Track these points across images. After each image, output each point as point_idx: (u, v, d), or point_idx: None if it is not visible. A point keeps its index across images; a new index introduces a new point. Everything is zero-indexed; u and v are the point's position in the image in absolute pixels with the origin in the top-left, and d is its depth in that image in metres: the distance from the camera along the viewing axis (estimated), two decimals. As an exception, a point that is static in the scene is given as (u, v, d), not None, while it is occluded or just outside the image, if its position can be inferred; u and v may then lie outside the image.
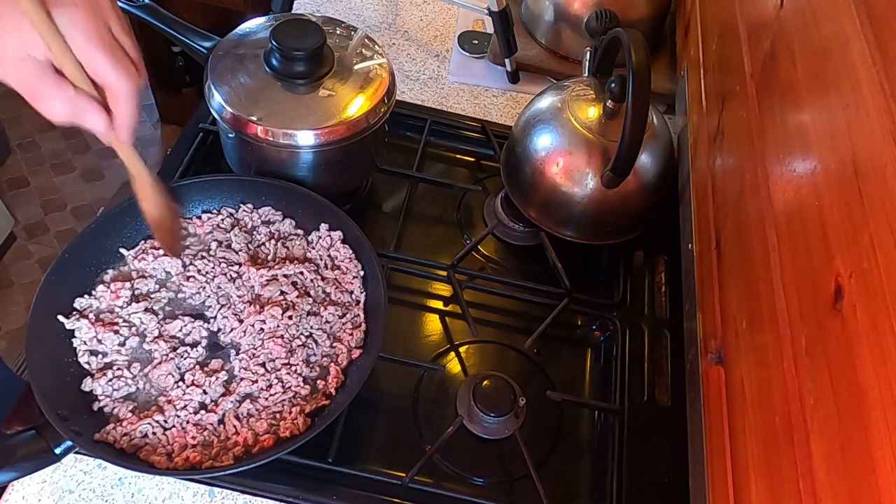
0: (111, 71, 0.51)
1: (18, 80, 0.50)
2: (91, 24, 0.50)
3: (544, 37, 1.10)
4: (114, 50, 0.51)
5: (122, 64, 0.52)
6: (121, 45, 0.52)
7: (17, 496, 0.65)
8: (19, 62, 0.49)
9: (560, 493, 0.71)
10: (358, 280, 0.75)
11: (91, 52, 0.50)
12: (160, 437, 0.63)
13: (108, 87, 0.52)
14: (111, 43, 0.51)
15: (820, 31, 0.53)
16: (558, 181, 0.82)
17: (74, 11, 0.49)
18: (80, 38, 0.49)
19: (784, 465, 0.48)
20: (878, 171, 0.41)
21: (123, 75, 0.52)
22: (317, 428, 0.63)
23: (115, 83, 0.52)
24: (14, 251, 2.01)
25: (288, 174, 0.78)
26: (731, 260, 0.68)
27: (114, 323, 0.69)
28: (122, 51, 0.52)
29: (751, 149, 0.65)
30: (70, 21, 0.49)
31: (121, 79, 0.52)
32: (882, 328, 0.38)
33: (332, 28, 0.83)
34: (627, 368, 0.79)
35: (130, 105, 0.53)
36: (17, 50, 0.49)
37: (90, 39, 0.50)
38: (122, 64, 0.52)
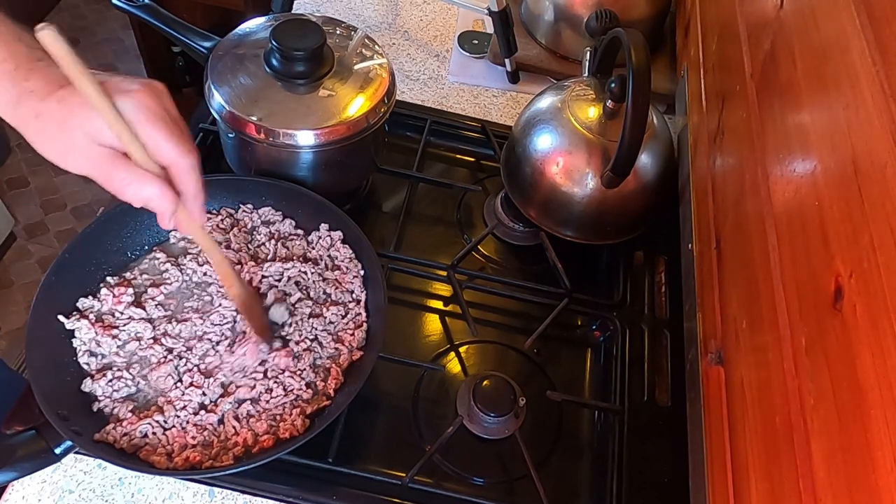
0: (174, 149, 0.53)
1: (89, 167, 0.52)
2: (150, 105, 0.52)
3: (544, 37, 1.10)
4: (172, 128, 0.53)
5: (183, 140, 0.54)
6: (177, 124, 0.54)
7: (17, 496, 0.65)
8: (88, 150, 0.51)
9: (560, 493, 0.71)
10: (358, 280, 0.75)
11: (154, 134, 0.52)
12: (160, 437, 0.63)
13: (172, 165, 0.54)
14: (169, 122, 0.53)
15: (820, 31, 0.53)
16: (558, 181, 0.82)
17: (136, 96, 0.51)
18: (143, 122, 0.51)
19: (784, 465, 0.48)
20: (878, 171, 0.41)
21: (185, 152, 0.54)
22: (316, 429, 0.63)
23: (178, 160, 0.54)
24: (14, 251, 2.01)
25: (288, 174, 0.78)
26: (731, 260, 0.68)
27: (114, 325, 0.69)
28: (180, 129, 0.54)
29: (751, 149, 0.65)
30: (133, 106, 0.51)
31: (183, 155, 0.54)
32: (882, 328, 0.38)
33: (332, 28, 0.83)
34: (627, 368, 0.79)
35: (196, 180, 0.56)
36: (86, 138, 0.51)
37: (152, 122, 0.52)
38: (183, 140, 0.54)
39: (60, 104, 0.50)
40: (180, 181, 0.55)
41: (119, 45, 2.54)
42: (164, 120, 0.53)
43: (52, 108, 0.50)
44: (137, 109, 0.51)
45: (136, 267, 0.74)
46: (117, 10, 0.81)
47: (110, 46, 2.54)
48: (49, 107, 0.50)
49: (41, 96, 0.50)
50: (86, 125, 0.50)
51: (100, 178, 0.53)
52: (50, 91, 0.50)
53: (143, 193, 0.53)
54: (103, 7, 2.61)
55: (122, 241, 0.74)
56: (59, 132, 0.51)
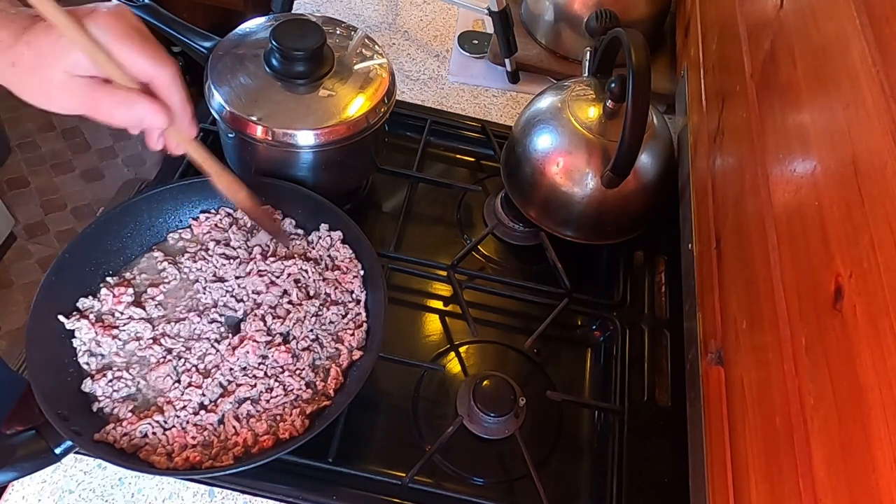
0: (149, 63, 0.53)
1: (74, 102, 0.52)
2: (119, 25, 0.51)
3: (544, 37, 1.10)
4: (145, 43, 0.53)
5: (157, 53, 0.53)
6: (149, 39, 0.54)
7: (17, 496, 0.65)
8: (69, 84, 0.51)
9: (560, 493, 0.71)
10: (358, 280, 0.75)
11: (126, 51, 0.52)
12: (160, 437, 0.63)
13: (153, 79, 0.54)
14: (141, 38, 0.53)
15: (820, 31, 0.53)
16: (558, 181, 0.82)
17: (101, 18, 0.51)
18: (113, 41, 0.51)
19: (784, 464, 0.48)
20: (878, 171, 0.41)
21: (162, 63, 0.53)
22: (316, 429, 0.63)
23: (157, 73, 0.53)
24: (14, 251, 2.00)
25: (288, 174, 0.78)
26: (731, 260, 0.68)
27: (114, 325, 0.69)
28: (153, 44, 0.54)
29: (751, 149, 0.65)
30: (101, 28, 0.50)
31: (161, 67, 0.53)
32: (882, 328, 0.38)
33: (332, 28, 0.83)
34: (627, 368, 0.79)
35: (180, 90, 0.55)
36: (63, 77, 0.51)
37: (123, 39, 0.51)
38: (157, 53, 0.53)
39: (30, 47, 0.50)
40: (165, 95, 0.54)
41: (119, 45, 2.53)
42: (133, 37, 0.52)
43: (23, 53, 0.50)
44: (105, 30, 0.51)
45: (135, 266, 0.74)
46: (117, 10, 0.81)
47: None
48: (20, 52, 0.50)
49: (9, 44, 0.50)
50: (60, 61, 0.50)
51: (86, 110, 0.52)
52: (16, 36, 0.50)
53: (133, 112, 0.53)
54: (103, 7, 2.60)
55: (122, 241, 0.74)
56: (35, 75, 0.51)
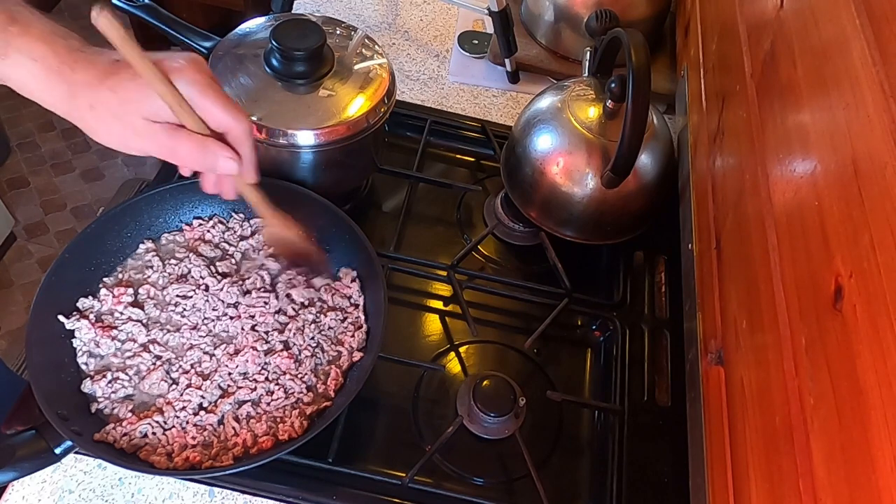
0: (228, 116, 0.55)
1: (153, 146, 0.54)
2: (201, 79, 0.53)
3: (544, 37, 1.10)
4: (224, 97, 0.55)
5: (235, 107, 0.55)
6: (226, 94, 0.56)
7: (17, 496, 0.65)
8: (148, 129, 0.53)
9: (560, 493, 0.71)
10: (356, 284, 0.75)
11: (208, 104, 0.54)
12: (160, 437, 0.63)
13: (229, 131, 0.56)
14: (220, 92, 0.55)
15: (820, 31, 0.53)
16: (558, 181, 0.82)
17: (186, 72, 0.53)
18: (196, 94, 0.53)
19: (784, 464, 0.48)
20: (878, 171, 0.41)
21: (240, 117, 0.56)
22: (315, 430, 0.63)
23: (234, 126, 0.56)
24: (14, 251, 2.00)
25: (288, 174, 0.78)
26: (731, 260, 0.68)
27: (113, 325, 0.69)
28: (230, 97, 0.56)
29: (751, 149, 0.65)
30: (184, 81, 0.52)
31: (238, 120, 0.56)
32: (882, 328, 0.38)
33: (332, 28, 0.83)
34: (627, 368, 0.79)
35: (251, 143, 0.57)
36: (143, 123, 0.53)
37: (206, 94, 0.53)
38: (235, 107, 0.55)
39: (114, 92, 0.51)
40: (237, 144, 0.57)
41: (119, 45, 2.54)
42: (215, 90, 0.54)
43: (105, 96, 0.51)
44: (191, 84, 0.53)
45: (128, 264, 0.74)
46: (117, 10, 0.81)
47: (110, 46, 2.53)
48: (103, 96, 0.52)
49: (93, 87, 0.52)
50: (142, 108, 0.52)
51: (165, 154, 0.55)
52: (100, 80, 0.51)
53: (209, 156, 0.55)
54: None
55: (122, 241, 0.74)
56: (116, 119, 0.52)
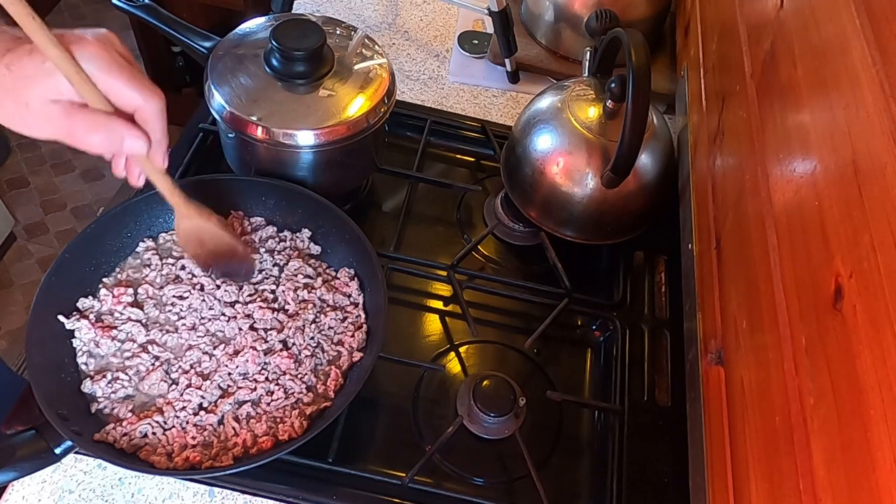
0: (137, 94, 0.52)
1: (50, 128, 0.51)
2: (106, 55, 0.50)
3: (544, 37, 1.10)
4: (133, 74, 0.52)
5: (145, 85, 0.52)
6: (137, 70, 0.53)
7: (17, 496, 0.65)
8: (46, 109, 0.50)
9: (560, 493, 0.71)
10: (355, 282, 0.75)
11: (114, 81, 0.51)
12: (160, 437, 0.63)
13: (138, 110, 0.53)
14: (129, 68, 0.52)
15: (820, 31, 0.53)
16: (558, 181, 0.82)
17: (88, 46, 0.50)
18: (101, 71, 0.50)
19: (784, 464, 0.48)
20: (878, 171, 0.41)
21: (150, 95, 0.52)
22: (314, 430, 0.63)
23: (142, 104, 0.52)
24: (14, 251, 2.01)
25: (288, 174, 0.78)
26: (731, 260, 0.68)
27: (113, 325, 0.69)
28: (141, 74, 0.53)
29: (751, 149, 0.65)
30: (87, 56, 0.50)
31: (148, 99, 0.52)
32: (882, 328, 0.38)
33: (332, 28, 0.83)
34: (627, 368, 0.79)
35: (162, 124, 0.54)
36: (41, 98, 0.50)
37: (110, 69, 0.50)
38: (145, 85, 0.52)
39: (9, 69, 0.49)
40: (147, 124, 0.53)
41: (119, 45, 2.53)
42: (122, 66, 0.51)
43: (2, 75, 0.49)
44: (90, 58, 0.50)
45: (128, 264, 0.74)
46: (117, 10, 0.81)
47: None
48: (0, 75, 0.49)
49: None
50: (39, 87, 0.49)
51: (63, 135, 0.52)
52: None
53: (113, 135, 0.52)
54: (103, 7, 2.61)
55: (121, 241, 0.74)
56: (13, 99, 0.50)
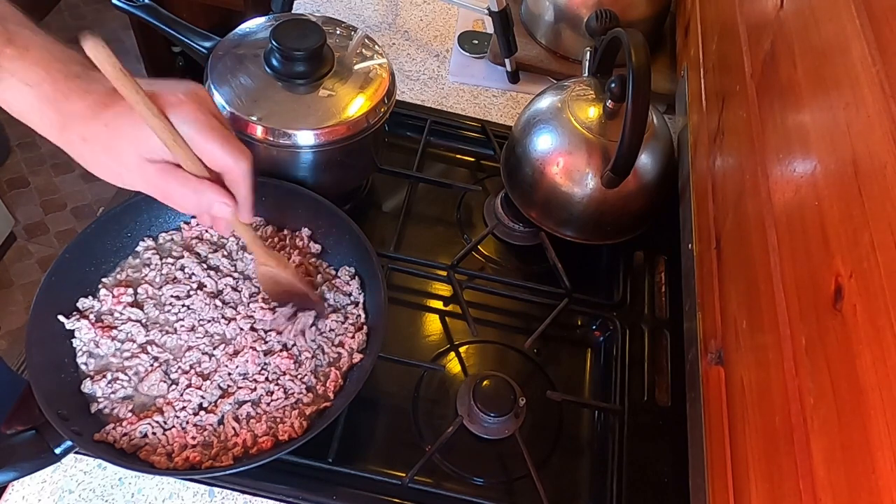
0: (228, 157, 0.53)
1: (145, 184, 0.52)
2: (201, 117, 0.51)
3: (544, 37, 1.10)
4: (225, 136, 0.53)
5: (235, 147, 0.53)
6: (226, 128, 0.54)
7: (17, 496, 0.65)
8: (141, 167, 0.51)
9: (560, 493, 0.71)
10: (355, 281, 0.75)
11: (207, 144, 0.52)
12: (160, 437, 0.63)
13: (227, 172, 0.54)
14: (221, 130, 0.53)
15: (820, 31, 0.53)
16: (558, 181, 0.82)
17: (184, 108, 0.50)
18: (196, 133, 0.51)
19: (784, 464, 0.48)
20: (878, 171, 0.41)
21: (240, 157, 0.53)
22: (314, 431, 0.63)
23: (233, 167, 0.53)
24: (14, 251, 2.01)
25: (288, 174, 0.78)
26: (731, 260, 0.68)
27: (113, 326, 0.69)
28: (232, 135, 0.54)
29: (751, 149, 0.65)
30: (183, 118, 0.50)
31: (238, 161, 0.53)
32: (882, 328, 0.38)
33: (332, 28, 0.83)
34: (627, 368, 0.79)
35: (249, 185, 0.55)
36: (137, 157, 0.51)
37: (205, 133, 0.51)
38: (235, 147, 0.53)
39: (107, 127, 0.49)
40: (234, 185, 0.55)
41: (119, 45, 2.54)
42: (215, 128, 0.52)
43: (98, 131, 0.50)
44: (189, 122, 0.51)
45: (127, 263, 0.74)
46: (117, 10, 0.81)
47: (110, 46, 2.52)
48: (95, 130, 0.50)
49: (86, 119, 0.49)
50: (135, 145, 0.50)
51: (157, 194, 0.53)
52: (94, 113, 0.49)
53: (203, 200, 0.53)
54: (103, 7, 2.61)
55: (121, 241, 0.74)
56: (108, 155, 0.51)
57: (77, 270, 0.70)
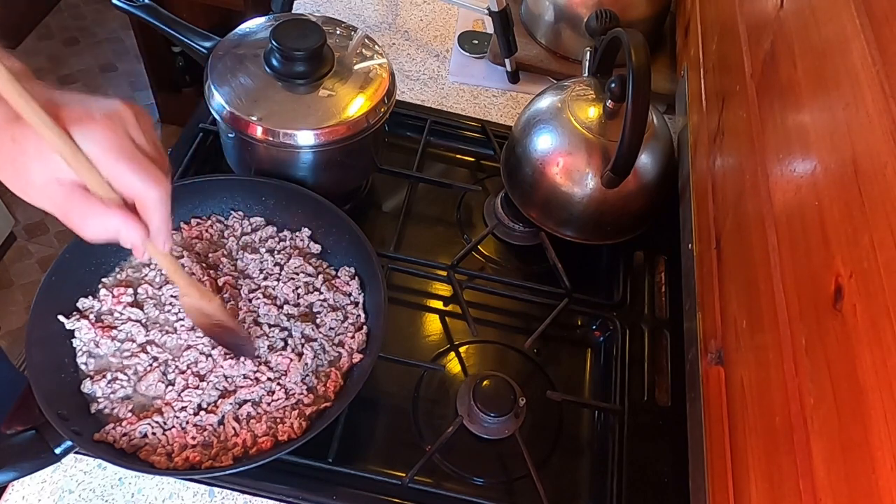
0: (138, 182, 0.50)
1: (49, 205, 0.49)
2: (112, 137, 0.48)
3: (544, 37, 1.10)
4: (137, 160, 0.50)
5: (148, 172, 0.50)
6: (144, 153, 0.51)
7: (17, 496, 0.65)
8: (46, 187, 0.48)
9: (560, 493, 0.71)
10: (355, 281, 0.75)
11: (115, 167, 0.49)
12: (160, 437, 0.63)
13: (138, 199, 0.51)
14: (133, 153, 0.50)
15: (820, 31, 0.53)
16: (558, 181, 0.82)
17: (93, 127, 0.48)
18: (102, 154, 0.48)
19: (784, 465, 0.48)
20: (878, 171, 0.41)
21: (151, 184, 0.50)
22: (314, 431, 0.63)
23: (143, 193, 0.50)
24: (14, 251, 2.00)
25: (288, 174, 0.78)
26: (731, 260, 0.68)
27: (113, 326, 0.69)
28: (147, 159, 0.50)
29: (751, 149, 0.65)
30: (90, 138, 0.48)
31: (149, 188, 0.50)
32: (882, 328, 0.38)
33: (332, 28, 0.83)
34: (627, 368, 0.79)
35: (163, 212, 0.52)
36: (43, 175, 0.48)
37: (112, 153, 0.48)
38: (148, 172, 0.50)
39: (14, 142, 0.47)
40: (147, 213, 0.51)
41: (119, 45, 2.54)
42: (126, 152, 0.49)
43: (5, 145, 0.47)
44: (97, 143, 0.48)
45: (127, 263, 0.74)
46: (117, 10, 0.81)
47: (110, 46, 2.54)
48: (3, 143, 0.47)
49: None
50: (43, 163, 0.47)
51: (60, 216, 0.50)
52: (3, 126, 0.47)
53: (108, 226, 0.50)
54: (103, 7, 2.61)
55: (121, 242, 0.74)
56: (14, 170, 0.48)
57: (77, 270, 0.70)
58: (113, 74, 2.46)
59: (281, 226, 0.79)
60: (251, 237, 0.78)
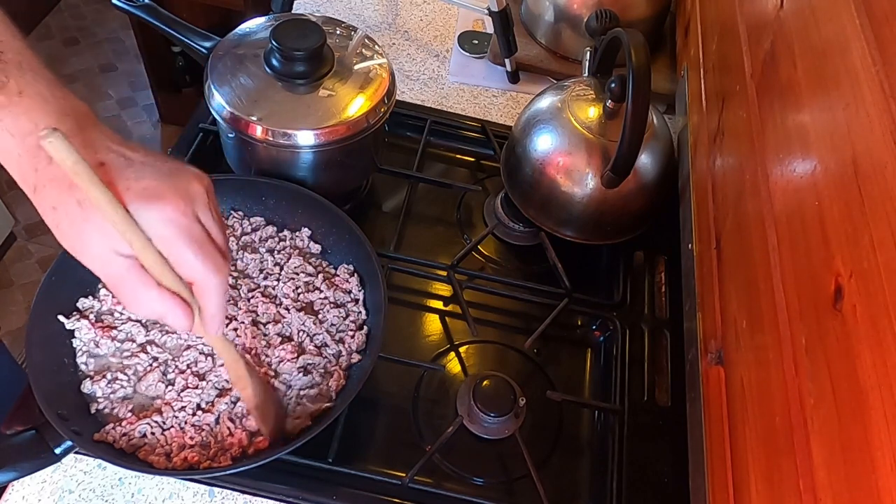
0: (201, 268, 0.48)
1: (102, 274, 0.48)
2: (181, 221, 0.47)
3: (544, 37, 1.10)
4: (203, 244, 0.49)
5: (211, 258, 0.49)
6: (209, 236, 0.50)
7: (17, 496, 0.65)
8: (105, 259, 0.47)
9: (560, 493, 0.71)
10: (355, 278, 0.75)
11: (178, 250, 0.48)
12: (159, 437, 0.63)
13: (197, 283, 0.49)
14: (200, 237, 0.49)
15: (820, 31, 0.53)
16: (558, 181, 0.82)
17: (162, 206, 0.47)
18: (167, 236, 0.47)
19: (784, 465, 0.48)
20: (878, 171, 0.41)
21: (212, 271, 0.49)
22: (313, 431, 0.63)
23: (204, 280, 0.49)
24: (14, 251, 2.01)
25: (288, 174, 0.78)
26: (731, 260, 0.68)
27: (113, 326, 0.69)
28: (211, 243, 0.50)
29: (751, 149, 0.65)
30: (157, 218, 0.47)
31: (211, 275, 0.49)
32: (882, 328, 0.38)
33: (332, 28, 0.83)
34: (627, 368, 0.79)
35: (219, 299, 0.51)
36: (103, 246, 0.47)
37: (178, 236, 0.47)
38: (211, 258, 0.49)
39: (80, 206, 0.46)
40: (202, 299, 0.50)
41: (119, 45, 2.54)
42: (196, 238, 0.48)
43: (70, 207, 0.46)
44: (164, 225, 0.47)
45: None
46: (117, 10, 0.81)
47: (110, 46, 2.54)
48: (67, 204, 0.46)
49: (60, 189, 0.46)
50: (103, 235, 0.46)
51: (109, 285, 0.49)
52: (71, 186, 0.45)
53: (157, 311, 0.49)
54: (103, 7, 2.61)
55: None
56: (75, 234, 0.47)
57: (77, 270, 0.69)
58: (113, 74, 2.46)
59: (281, 226, 0.79)
60: (251, 237, 0.78)
